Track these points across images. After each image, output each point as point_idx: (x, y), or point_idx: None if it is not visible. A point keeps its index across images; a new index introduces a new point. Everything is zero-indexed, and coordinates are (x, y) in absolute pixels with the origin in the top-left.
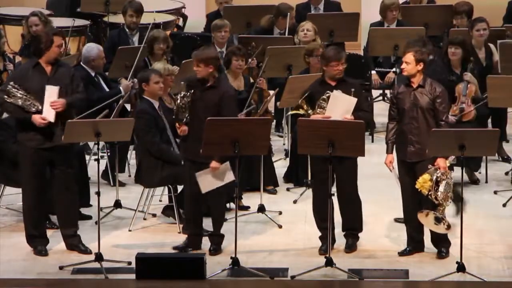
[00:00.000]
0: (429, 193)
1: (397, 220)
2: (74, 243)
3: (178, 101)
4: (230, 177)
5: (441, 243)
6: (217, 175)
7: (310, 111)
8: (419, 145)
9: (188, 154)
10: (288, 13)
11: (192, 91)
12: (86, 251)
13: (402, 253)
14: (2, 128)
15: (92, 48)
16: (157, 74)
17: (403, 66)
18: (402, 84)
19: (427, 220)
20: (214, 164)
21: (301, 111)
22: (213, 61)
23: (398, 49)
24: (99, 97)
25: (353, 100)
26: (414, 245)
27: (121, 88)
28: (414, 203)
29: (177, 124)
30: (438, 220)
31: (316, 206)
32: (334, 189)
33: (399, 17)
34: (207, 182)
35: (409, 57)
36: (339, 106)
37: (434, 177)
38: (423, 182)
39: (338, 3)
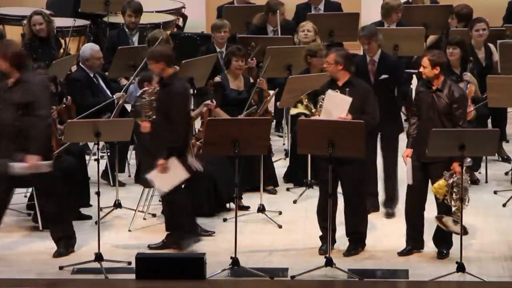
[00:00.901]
0: (445, 197)
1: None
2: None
3: (142, 98)
4: (182, 174)
5: (443, 243)
6: (168, 172)
7: (313, 110)
8: None
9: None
10: (278, 10)
11: (158, 88)
12: None
13: (402, 253)
14: None
15: (87, 49)
16: None
17: (421, 69)
18: (423, 84)
19: (444, 223)
20: (160, 160)
21: (300, 107)
22: (163, 58)
23: (398, 49)
24: (91, 103)
25: (348, 99)
26: (414, 245)
27: (114, 97)
28: (419, 204)
29: (138, 120)
30: (456, 223)
31: (320, 206)
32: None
33: None
34: (161, 181)
35: (425, 61)
36: (334, 105)
37: (450, 182)
38: (439, 188)
39: (338, 3)
